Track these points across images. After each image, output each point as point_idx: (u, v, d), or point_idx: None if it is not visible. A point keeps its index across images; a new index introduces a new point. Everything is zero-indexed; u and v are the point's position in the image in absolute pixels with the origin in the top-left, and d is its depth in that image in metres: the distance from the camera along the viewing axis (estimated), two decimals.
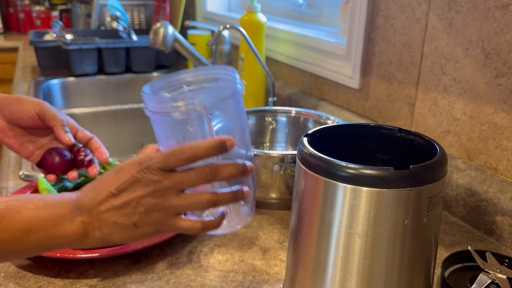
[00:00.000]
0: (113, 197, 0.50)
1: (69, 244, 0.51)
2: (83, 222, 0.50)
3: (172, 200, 0.50)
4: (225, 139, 0.50)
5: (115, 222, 0.50)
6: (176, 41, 1.31)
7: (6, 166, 0.94)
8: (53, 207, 0.50)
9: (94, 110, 1.37)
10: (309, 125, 0.96)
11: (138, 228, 0.51)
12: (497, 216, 0.71)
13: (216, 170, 0.50)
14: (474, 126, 0.77)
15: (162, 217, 0.51)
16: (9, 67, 2.53)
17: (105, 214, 0.50)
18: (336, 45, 1.09)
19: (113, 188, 0.50)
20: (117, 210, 0.50)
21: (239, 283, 0.61)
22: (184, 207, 0.51)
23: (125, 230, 0.51)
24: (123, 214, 0.50)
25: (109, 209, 0.50)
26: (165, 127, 0.54)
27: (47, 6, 2.96)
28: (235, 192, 0.52)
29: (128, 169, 0.51)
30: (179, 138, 0.53)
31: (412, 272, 0.46)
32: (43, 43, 1.72)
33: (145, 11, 2.21)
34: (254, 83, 1.28)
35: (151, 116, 0.54)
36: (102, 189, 0.51)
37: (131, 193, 0.50)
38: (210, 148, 0.49)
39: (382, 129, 0.55)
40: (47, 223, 0.49)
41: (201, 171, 0.50)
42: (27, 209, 0.49)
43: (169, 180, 0.50)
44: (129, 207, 0.50)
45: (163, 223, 0.51)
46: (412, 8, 0.86)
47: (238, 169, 0.51)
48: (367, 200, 0.43)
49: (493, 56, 0.71)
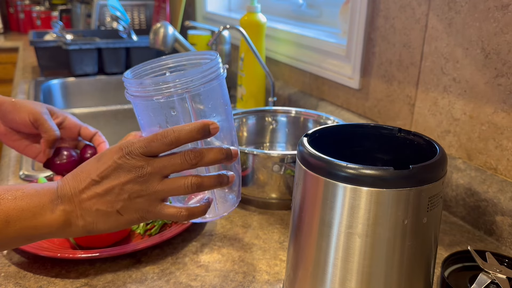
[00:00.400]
0: (95, 184, 0.49)
1: (51, 234, 0.50)
2: (65, 211, 0.49)
3: (156, 186, 0.49)
4: (209, 122, 0.49)
5: (98, 210, 0.49)
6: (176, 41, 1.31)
7: (6, 166, 0.94)
8: (32, 197, 0.49)
9: (94, 110, 1.38)
10: (309, 125, 0.96)
11: (122, 216, 0.50)
12: (497, 216, 0.71)
13: (200, 154, 0.49)
14: (474, 126, 0.77)
15: (146, 203, 0.49)
16: (9, 67, 2.53)
17: (87, 202, 0.49)
18: (336, 45, 1.09)
19: (95, 175, 0.49)
20: (100, 198, 0.49)
21: (239, 283, 0.61)
22: (168, 191, 0.49)
23: (108, 217, 0.50)
24: (106, 202, 0.49)
25: (91, 196, 0.49)
26: (147, 112, 0.53)
27: (47, 6, 2.96)
28: (220, 176, 0.50)
29: (109, 155, 0.49)
30: (161, 123, 0.52)
31: (412, 272, 0.46)
32: (43, 43, 1.72)
33: (145, 11, 2.21)
34: (254, 83, 1.28)
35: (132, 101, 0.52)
36: (84, 176, 0.50)
37: (114, 179, 0.48)
38: (194, 131, 0.48)
39: (382, 129, 0.55)
40: (26, 213, 0.48)
41: (185, 155, 0.48)
42: (5, 200, 0.48)
43: (152, 165, 0.48)
44: (112, 194, 0.49)
45: (148, 209, 0.50)
46: (412, 8, 0.86)
47: (223, 153, 0.49)
48: (367, 200, 0.43)
49: (493, 56, 0.71)
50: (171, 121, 0.51)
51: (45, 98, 1.54)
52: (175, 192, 0.49)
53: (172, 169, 0.49)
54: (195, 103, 0.51)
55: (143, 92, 0.50)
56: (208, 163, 0.49)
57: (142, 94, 0.50)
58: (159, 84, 0.49)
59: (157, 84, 0.49)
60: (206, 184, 0.50)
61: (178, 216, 0.50)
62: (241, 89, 1.30)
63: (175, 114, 0.51)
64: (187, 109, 0.51)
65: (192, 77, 0.50)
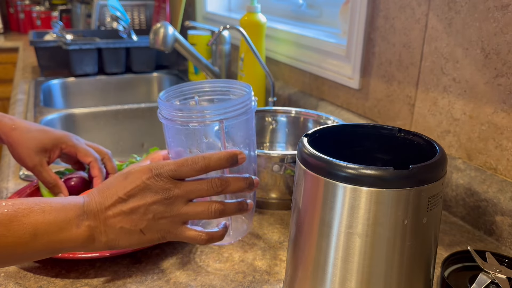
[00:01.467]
0: (122, 202, 0.50)
1: (75, 249, 0.51)
2: (90, 226, 0.50)
3: (180, 208, 0.51)
4: (237, 152, 0.51)
5: (122, 228, 0.50)
6: (176, 41, 1.31)
7: (6, 166, 0.94)
8: (60, 211, 0.49)
9: (94, 110, 1.37)
10: (309, 125, 0.96)
11: (144, 235, 0.51)
12: (496, 216, 0.71)
13: (226, 183, 0.51)
14: (474, 126, 0.77)
15: (169, 224, 0.51)
16: (9, 67, 2.53)
17: (112, 219, 0.50)
18: (336, 45, 1.09)
19: (122, 194, 0.50)
20: (125, 216, 0.50)
21: (239, 283, 0.61)
22: (192, 215, 0.51)
23: (131, 236, 0.51)
24: (130, 220, 0.50)
25: (116, 214, 0.50)
26: (179, 136, 0.56)
27: (47, 6, 2.96)
28: (240, 203, 0.53)
29: (138, 175, 0.51)
30: (192, 147, 0.55)
31: (411, 272, 0.46)
32: (43, 43, 1.72)
33: (145, 11, 2.21)
34: (254, 83, 1.28)
35: (165, 123, 0.55)
36: (111, 194, 0.51)
37: (140, 199, 0.50)
38: (223, 160, 0.50)
39: (382, 129, 0.55)
40: (53, 227, 0.49)
41: (212, 183, 0.51)
42: (34, 213, 0.48)
43: (179, 188, 0.50)
44: (137, 214, 0.50)
45: (170, 230, 0.52)
46: (412, 8, 0.86)
47: (246, 183, 0.52)
48: (367, 200, 0.43)
49: (493, 56, 0.71)
50: (201, 147, 0.55)
51: (45, 98, 1.54)
52: (198, 216, 0.51)
53: (197, 194, 0.51)
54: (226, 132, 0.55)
55: (179, 117, 0.53)
56: (233, 191, 0.52)
57: (178, 119, 0.53)
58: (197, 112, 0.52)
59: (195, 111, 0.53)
60: (228, 210, 0.52)
61: (198, 240, 0.52)
62: None
63: (207, 141, 0.55)
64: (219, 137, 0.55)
65: (228, 108, 0.53)
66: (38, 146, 0.72)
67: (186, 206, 0.51)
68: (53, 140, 0.73)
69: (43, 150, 0.72)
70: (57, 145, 0.74)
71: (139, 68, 1.79)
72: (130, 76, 1.78)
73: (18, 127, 0.72)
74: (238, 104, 0.54)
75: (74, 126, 1.34)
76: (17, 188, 0.84)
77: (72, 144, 0.75)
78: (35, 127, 0.74)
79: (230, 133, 0.55)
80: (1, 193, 0.84)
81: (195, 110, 0.53)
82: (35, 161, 0.72)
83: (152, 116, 1.41)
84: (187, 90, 0.60)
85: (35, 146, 0.72)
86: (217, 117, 0.53)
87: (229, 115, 0.53)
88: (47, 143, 0.73)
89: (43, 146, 0.72)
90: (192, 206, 0.51)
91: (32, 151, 0.71)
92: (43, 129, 0.74)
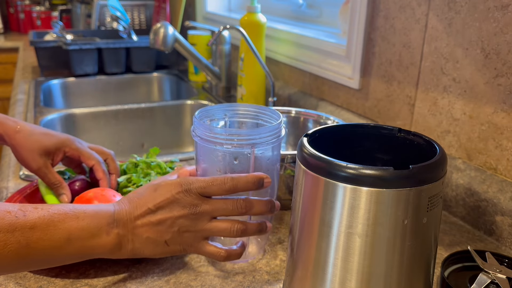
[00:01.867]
0: (150, 213, 0.53)
1: (103, 254, 0.53)
2: (119, 234, 0.52)
3: (205, 225, 0.53)
4: (264, 176, 0.54)
5: (148, 238, 0.53)
6: (176, 41, 1.31)
7: (6, 166, 0.94)
8: (93, 218, 0.52)
9: (94, 110, 1.37)
10: (309, 125, 0.96)
11: (168, 246, 0.54)
12: (496, 216, 0.71)
13: (250, 205, 0.54)
14: (474, 126, 0.77)
15: (192, 238, 0.54)
16: (10, 67, 2.53)
17: (140, 228, 0.53)
18: (336, 45, 1.09)
19: (152, 205, 0.53)
20: (152, 226, 0.53)
21: (239, 283, 0.61)
22: (214, 232, 0.54)
23: (156, 246, 0.53)
24: (157, 231, 0.53)
25: (144, 224, 0.52)
26: (210, 155, 0.59)
27: (48, 7, 2.96)
28: (261, 224, 0.56)
29: (167, 188, 0.53)
30: (221, 167, 0.59)
31: (411, 272, 0.46)
32: (43, 43, 1.72)
33: (145, 11, 2.21)
34: (254, 83, 1.28)
35: (199, 142, 0.58)
36: (141, 204, 0.53)
37: (168, 212, 0.52)
38: (250, 183, 0.53)
39: (382, 129, 0.55)
40: (86, 233, 0.51)
41: (237, 203, 0.54)
42: (69, 219, 0.50)
43: (206, 205, 0.53)
44: (164, 225, 0.53)
45: (192, 244, 0.54)
46: (412, 9, 0.86)
47: (268, 206, 0.55)
48: (367, 200, 0.43)
49: (493, 56, 0.71)
50: (231, 167, 0.58)
51: (45, 98, 1.54)
52: (220, 233, 0.54)
53: (222, 212, 0.54)
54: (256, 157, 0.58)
55: (213, 138, 0.56)
56: (256, 213, 0.55)
57: (212, 139, 0.56)
58: (231, 135, 0.56)
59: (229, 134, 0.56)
60: (249, 231, 0.55)
61: (217, 256, 0.55)
62: (241, 89, 1.30)
63: (237, 163, 0.58)
64: (248, 161, 0.58)
65: (261, 134, 0.57)
66: (42, 149, 0.72)
67: (210, 223, 0.53)
68: (56, 144, 0.74)
69: (47, 153, 0.73)
70: (60, 149, 0.74)
71: (139, 68, 1.79)
72: (130, 76, 1.78)
73: (22, 130, 0.72)
74: (270, 131, 0.58)
75: (74, 126, 1.34)
76: (17, 188, 0.83)
77: (75, 148, 0.75)
78: (38, 130, 0.74)
79: (258, 157, 0.59)
80: (1, 193, 0.83)
81: (230, 133, 0.56)
82: (39, 163, 0.72)
83: (152, 116, 1.41)
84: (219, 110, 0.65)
85: (39, 149, 0.72)
86: (250, 141, 0.56)
87: (261, 141, 0.57)
88: (50, 146, 0.73)
89: (47, 149, 0.73)
90: (216, 223, 0.54)
91: (36, 154, 0.72)
92: (46, 132, 0.75)
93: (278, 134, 0.59)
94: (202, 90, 1.61)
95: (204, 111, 0.62)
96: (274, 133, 0.58)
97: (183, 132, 1.48)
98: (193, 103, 1.47)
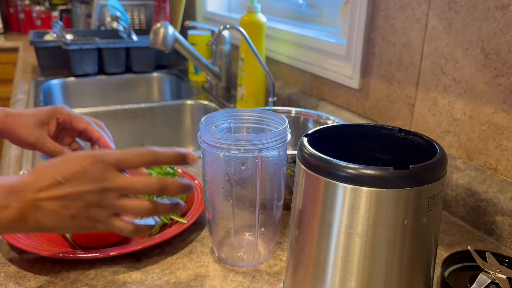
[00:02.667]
0: (57, 186, 0.49)
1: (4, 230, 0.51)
2: (19, 207, 0.49)
3: (112, 201, 0.51)
4: (188, 153, 0.53)
5: (53, 210, 0.50)
6: (176, 41, 1.31)
7: (6, 166, 0.94)
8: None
9: (94, 110, 1.37)
10: (309, 125, 0.96)
11: (75, 220, 0.51)
12: (497, 216, 0.71)
13: (164, 186, 0.51)
14: (474, 126, 0.77)
15: (100, 214, 0.51)
16: (10, 67, 2.53)
17: (44, 201, 0.49)
18: (336, 45, 1.09)
19: (59, 176, 0.49)
20: (57, 200, 0.49)
21: (239, 283, 0.61)
22: (122, 210, 0.52)
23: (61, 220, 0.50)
24: (62, 205, 0.50)
25: (49, 197, 0.49)
26: (217, 160, 0.59)
27: (47, 6, 2.96)
28: (173, 205, 0.54)
29: (79, 159, 0.50)
30: (229, 172, 0.59)
31: (412, 272, 0.46)
32: (43, 43, 1.72)
33: (145, 11, 2.21)
34: (254, 83, 1.28)
35: (206, 148, 0.58)
36: (46, 175, 0.50)
37: (77, 185, 0.49)
38: (172, 157, 0.52)
39: (382, 129, 0.55)
40: None
41: (150, 183, 0.51)
42: None
43: (117, 181, 0.50)
44: (69, 199, 0.49)
45: (99, 219, 0.51)
46: (412, 8, 0.86)
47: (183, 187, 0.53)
48: (367, 200, 0.43)
49: (493, 56, 0.71)
50: (238, 172, 0.59)
51: (45, 98, 1.54)
52: (128, 212, 0.52)
53: (133, 191, 0.51)
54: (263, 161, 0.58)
55: (220, 143, 0.56)
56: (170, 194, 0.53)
57: (219, 145, 0.57)
58: (238, 141, 0.56)
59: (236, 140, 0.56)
60: (159, 211, 0.53)
61: (124, 230, 0.53)
62: (241, 89, 1.30)
63: (244, 168, 0.59)
64: (256, 166, 0.58)
65: (268, 139, 0.57)
66: (36, 122, 0.73)
67: (118, 200, 0.51)
68: (47, 113, 0.74)
69: (41, 123, 0.73)
70: (52, 116, 0.74)
71: (139, 68, 1.79)
72: (130, 76, 1.78)
73: (10, 113, 0.73)
74: (276, 136, 0.58)
75: None
76: None
77: (66, 113, 0.75)
78: (25, 110, 0.75)
79: (265, 162, 0.59)
80: None
81: (236, 139, 0.56)
82: (36, 135, 0.72)
83: (152, 116, 1.41)
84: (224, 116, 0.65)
85: (33, 122, 0.72)
86: (257, 146, 0.56)
87: (267, 146, 0.57)
88: (43, 117, 0.73)
89: (41, 120, 0.73)
90: (126, 201, 0.51)
91: (31, 128, 0.72)
92: (35, 109, 0.76)
93: (284, 138, 0.59)
94: (202, 90, 1.61)
95: (210, 117, 0.63)
96: (281, 137, 0.59)
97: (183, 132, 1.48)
98: (193, 103, 1.47)
